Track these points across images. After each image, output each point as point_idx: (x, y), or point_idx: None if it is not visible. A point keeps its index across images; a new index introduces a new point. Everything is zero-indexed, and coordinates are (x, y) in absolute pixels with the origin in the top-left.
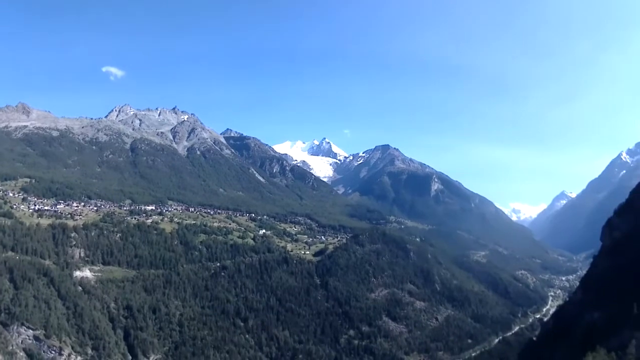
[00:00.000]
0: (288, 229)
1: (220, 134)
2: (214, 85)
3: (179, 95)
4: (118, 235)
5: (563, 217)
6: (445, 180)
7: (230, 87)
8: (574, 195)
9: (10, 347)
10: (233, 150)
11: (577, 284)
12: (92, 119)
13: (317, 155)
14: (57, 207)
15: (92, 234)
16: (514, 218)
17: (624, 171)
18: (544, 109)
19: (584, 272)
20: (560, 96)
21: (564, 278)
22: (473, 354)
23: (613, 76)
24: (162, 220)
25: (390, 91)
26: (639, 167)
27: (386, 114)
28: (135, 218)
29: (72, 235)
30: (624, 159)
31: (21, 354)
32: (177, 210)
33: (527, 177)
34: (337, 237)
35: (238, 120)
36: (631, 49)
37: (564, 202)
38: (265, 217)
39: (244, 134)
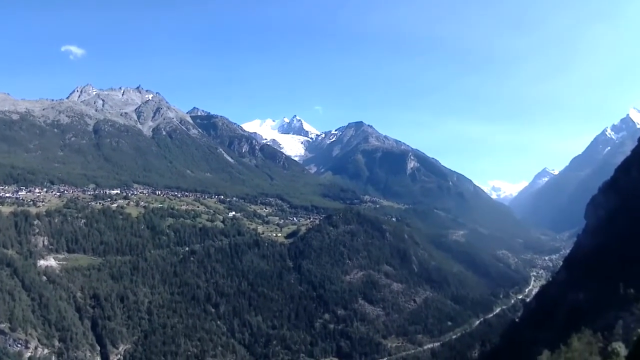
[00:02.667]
0: (259, 211)
1: (187, 113)
2: (180, 63)
3: (143, 73)
4: (82, 222)
5: (545, 195)
6: (421, 158)
7: (197, 64)
8: (556, 172)
9: None
10: (200, 130)
11: (561, 263)
12: (53, 100)
13: (288, 133)
14: (19, 193)
15: (56, 220)
16: (493, 196)
17: (609, 148)
18: (526, 85)
19: (568, 251)
20: (544, 71)
21: (546, 258)
22: (453, 337)
23: (598, 50)
24: (127, 204)
25: (364, 66)
26: (624, 143)
27: (360, 90)
28: (100, 203)
29: (35, 222)
30: (608, 135)
31: None
32: (143, 193)
33: (507, 154)
34: (309, 218)
35: (205, 99)
36: (617, 22)
37: (546, 179)
38: (234, 198)
39: (212, 113)
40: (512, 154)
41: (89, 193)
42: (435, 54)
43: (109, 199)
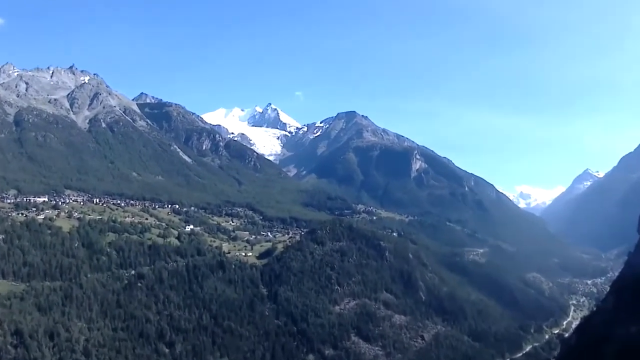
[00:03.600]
0: (223, 224)
1: (133, 100)
2: (123, 37)
3: (77, 50)
4: (0, 238)
5: (587, 203)
6: (430, 157)
7: (144, 39)
8: (601, 174)
9: None
10: (149, 122)
11: (608, 289)
12: None
13: (261, 126)
14: None
15: None
16: (521, 205)
17: None
18: (563, 65)
19: (617, 273)
20: (586, 49)
21: (589, 282)
22: None
23: None
24: (57, 215)
25: (358, 40)
26: None
27: (351, 71)
28: (22, 214)
29: None
30: None
31: None
32: (77, 202)
33: (539, 152)
34: (288, 234)
35: (155, 82)
36: None
37: (588, 183)
38: (193, 208)
39: (164, 100)
40: (546, 152)
41: (8, 201)
42: (451, 27)
43: (34, 209)
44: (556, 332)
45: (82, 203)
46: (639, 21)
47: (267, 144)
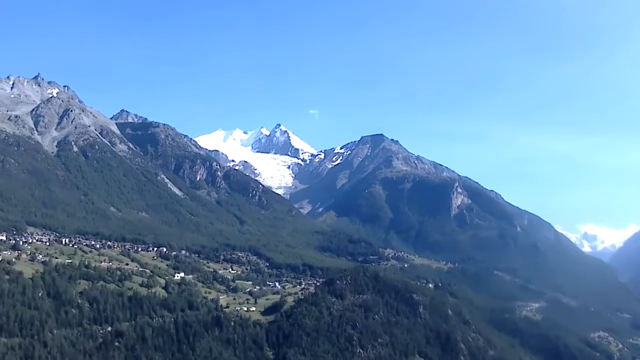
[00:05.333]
0: (221, 272)
1: (111, 118)
2: (101, 43)
3: (44, 57)
4: None
5: None
6: (474, 190)
7: (126, 46)
8: None
9: None
10: (132, 145)
11: None
12: None
13: (268, 152)
14: None
15: None
16: (586, 249)
17: None
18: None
19: None
20: None
21: None
22: None
23: None
24: (18, 258)
25: (383, 48)
26: None
27: (378, 85)
28: None
29: None
30: None
31: None
32: (41, 241)
33: (607, 183)
34: (300, 284)
35: (139, 98)
36: None
37: None
38: (184, 252)
39: (149, 119)
40: (616, 183)
41: None
42: (500, 29)
43: None
44: None
45: (48, 243)
46: None
47: (275, 174)
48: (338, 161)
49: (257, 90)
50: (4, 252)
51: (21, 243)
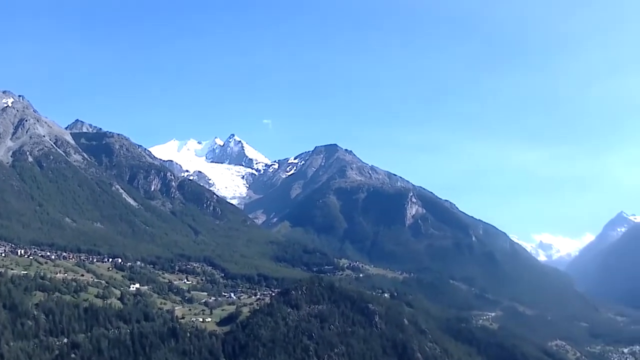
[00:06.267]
0: (176, 283)
1: (66, 128)
2: (55, 50)
3: None
4: None
5: (622, 254)
6: (428, 200)
7: (80, 54)
8: (638, 219)
9: None
10: (86, 155)
11: None
12: None
13: (222, 162)
14: None
15: None
16: (542, 258)
17: None
18: (591, 85)
19: None
20: (622, 64)
21: (626, 350)
22: None
23: None
24: None
25: (337, 58)
26: None
27: (332, 95)
28: None
29: None
30: None
31: None
32: None
33: (561, 193)
34: (255, 295)
35: (94, 108)
36: None
37: (623, 229)
38: (139, 263)
39: (104, 130)
40: (570, 193)
41: None
42: (451, 40)
43: None
44: None
45: (3, 254)
46: None
47: (229, 184)
48: (292, 171)
49: (211, 100)
50: None
51: None
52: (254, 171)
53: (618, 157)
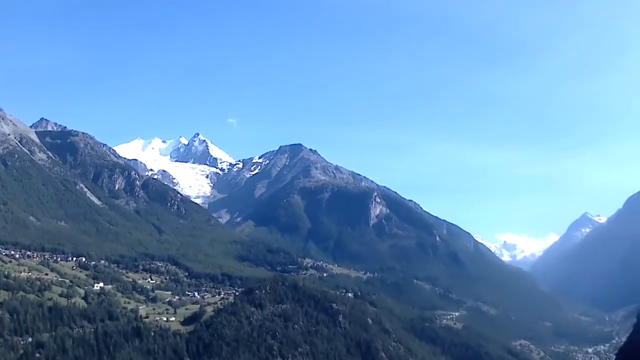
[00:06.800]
0: (140, 282)
1: (31, 127)
2: (18, 47)
3: None
4: None
5: (586, 255)
6: (392, 200)
7: (45, 52)
8: (602, 219)
9: None
10: (51, 154)
11: (613, 357)
12: None
13: (186, 161)
14: None
15: None
16: (506, 258)
17: None
18: (556, 85)
19: (624, 339)
20: (585, 65)
21: (590, 350)
22: None
23: None
24: None
25: (302, 56)
26: None
27: (296, 94)
28: None
29: None
30: None
31: None
32: None
33: (526, 194)
34: (219, 294)
35: (58, 106)
36: None
37: (587, 230)
38: (103, 262)
39: (69, 128)
40: (535, 193)
41: None
42: (414, 39)
43: None
44: None
45: None
46: None
47: (193, 183)
48: (256, 171)
49: (176, 99)
50: None
51: None
52: (218, 170)
53: (583, 158)
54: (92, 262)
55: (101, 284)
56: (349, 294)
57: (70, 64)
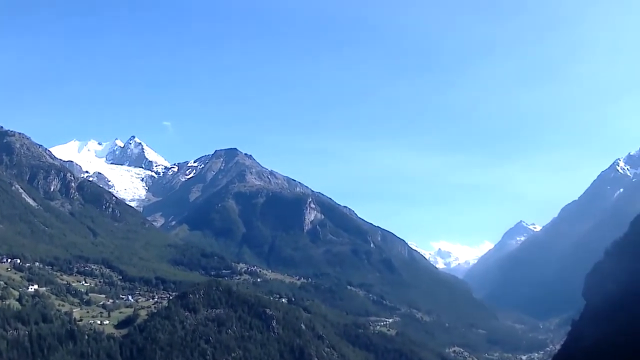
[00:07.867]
0: (75, 284)
1: None
2: None
3: None
4: None
5: (521, 263)
6: (327, 206)
7: None
8: (538, 228)
9: None
10: None
11: None
12: None
13: (122, 164)
14: None
15: None
16: (439, 265)
17: (621, 190)
18: (490, 93)
19: (558, 347)
20: (521, 72)
21: (524, 357)
22: None
23: (608, 43)
24: None
25: (237, 60)
26: None
27: (232, 98)
28: None
29: None
30: (620, 170)
31: None
32: None
33: (460, 201)
34: (153, 298)
35: None
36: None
37: (522, 238)
38: (37, 264)
39: (5, 128)
40: (469, 201)
41: None
42: (347, 44)
43: None
44: None
45: None
46: (589, 37)
47: (129, 186)
48: (191, 174)
49: (112, 101)
50: None
51: None
52: (153, 174)
53: (518, 166)
54: (27, 264)
55: (36, 286)
56: (283, 300)
57: (6, 65)
